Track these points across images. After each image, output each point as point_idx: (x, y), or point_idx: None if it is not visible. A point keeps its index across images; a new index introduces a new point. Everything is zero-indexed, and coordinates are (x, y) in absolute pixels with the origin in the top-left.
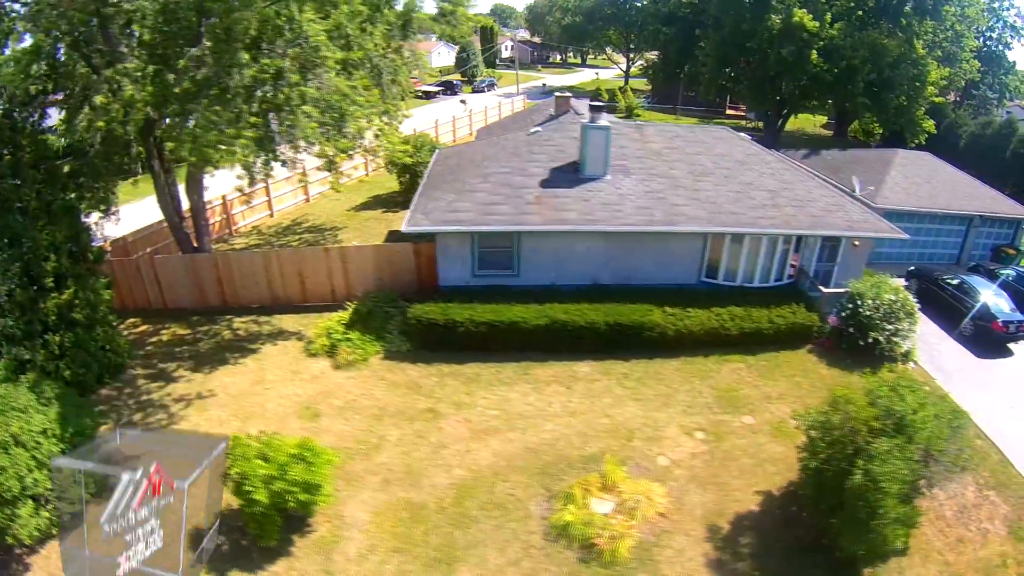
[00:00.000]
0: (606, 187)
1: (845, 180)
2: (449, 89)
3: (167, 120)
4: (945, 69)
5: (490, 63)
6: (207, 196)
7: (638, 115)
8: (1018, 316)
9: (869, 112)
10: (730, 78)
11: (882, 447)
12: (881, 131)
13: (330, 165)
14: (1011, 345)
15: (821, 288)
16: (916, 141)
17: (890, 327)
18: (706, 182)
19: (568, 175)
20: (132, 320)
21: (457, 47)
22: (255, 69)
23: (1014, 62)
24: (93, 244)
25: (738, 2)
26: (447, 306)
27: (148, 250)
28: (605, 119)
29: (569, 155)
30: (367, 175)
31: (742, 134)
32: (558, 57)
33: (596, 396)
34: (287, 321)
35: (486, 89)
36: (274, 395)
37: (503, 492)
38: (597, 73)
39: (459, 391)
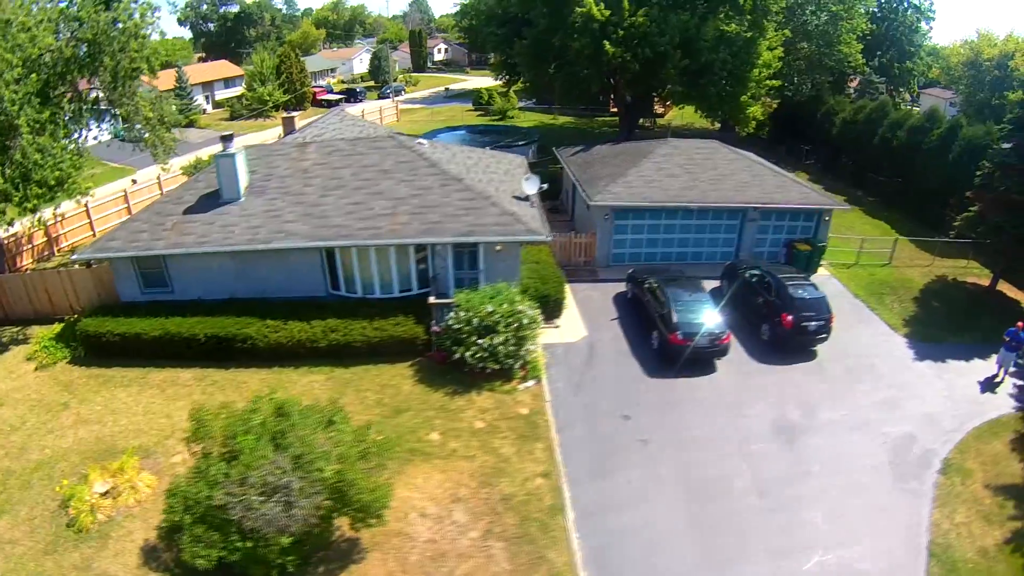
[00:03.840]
0: (235, 209)
1: (593, 176)
2: (353, 97)
3: None
4: (779, 50)
5: (419, 67)
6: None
7: (512, 116)
8: (715, 328)
9: (688, 101)
10: (549, 76)
11: (198, 466)
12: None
13: (31, 212)
14: (723, 361)
15: (429, 299)
16: (746, 130)
17: (482, 341)
18: (331, 196)
19: (212, 200)
20: None
21: (371, 54)
22: None
23: (920, 45)
24: None
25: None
26: (99, 320)
27: None
28: (236, 146)
29: None
30: None
31: (421, 140)
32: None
33: (176, 399)
34: (37, 332)
35: (391, 95)
36: None
37: (60, 468)
38: None
39: (92, 389)
